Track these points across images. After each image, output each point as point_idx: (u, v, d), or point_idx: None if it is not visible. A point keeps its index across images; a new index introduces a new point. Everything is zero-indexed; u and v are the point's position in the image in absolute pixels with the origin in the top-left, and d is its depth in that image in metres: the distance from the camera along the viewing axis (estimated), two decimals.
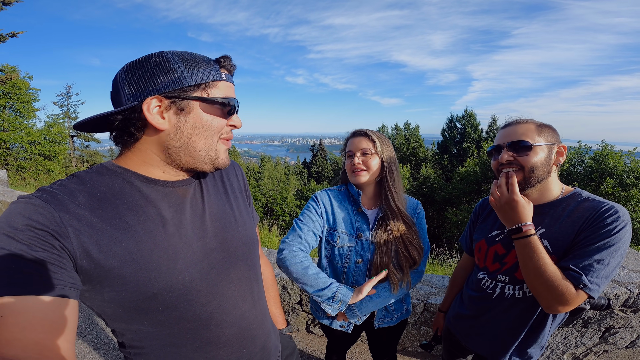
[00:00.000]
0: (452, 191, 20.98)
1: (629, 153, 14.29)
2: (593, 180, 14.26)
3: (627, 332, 2.11)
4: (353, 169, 1.39)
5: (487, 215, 1.35)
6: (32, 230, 0.56)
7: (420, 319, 2.40)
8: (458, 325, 1.42)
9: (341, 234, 1.41)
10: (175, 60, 0.67)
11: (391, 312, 1.50)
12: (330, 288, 1.31)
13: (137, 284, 0.65)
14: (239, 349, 0.81)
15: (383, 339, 1.60)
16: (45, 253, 0.56)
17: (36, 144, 16.51)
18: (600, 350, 2.20)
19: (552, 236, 1.09)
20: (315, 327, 2.74)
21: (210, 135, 0.73)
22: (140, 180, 0.71)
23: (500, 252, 1.23)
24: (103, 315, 0.70)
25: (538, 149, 1.09)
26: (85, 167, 11.91)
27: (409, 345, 2.50)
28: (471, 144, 27.18)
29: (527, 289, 1.16)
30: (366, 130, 1.42)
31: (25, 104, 16.18)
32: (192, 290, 0.72)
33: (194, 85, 0.68)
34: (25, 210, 0.58)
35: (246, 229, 0.88)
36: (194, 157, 0.73)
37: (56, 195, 0.62)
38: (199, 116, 0.70)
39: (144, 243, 0.66)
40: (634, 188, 13.00)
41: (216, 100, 0.71)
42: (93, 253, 0.61)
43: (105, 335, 2.68)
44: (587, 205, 1.07)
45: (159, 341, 0.73)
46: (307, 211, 1.45)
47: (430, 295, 2.41)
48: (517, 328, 1.21)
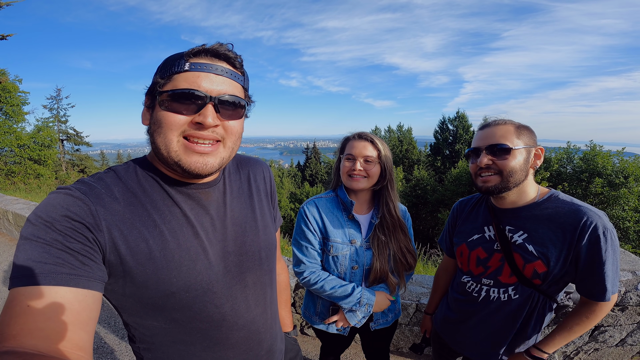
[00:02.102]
0: (445, 192, 21.10)
1: (618, 153, 14.54)
2: (582, 180, 14.48)
3: (617, 331, 2.13)
4: (352, 174, 1.36)
5: (466, 219, 1.34)
6: (69, 221, 0.58)
7: (413, 319, 2.41)
8: (446, 328, 1.42)
9: (335, 242, 1.40)
10: (163, 62, 0.70)
11: (386, 313, 1.51)
12: (355, 294, 1.35)
13: (158, 282, 0.66)
14: (245, 351, 0.82)
15: (377, 340, 1.60)
16: (79, 245, 0.58)
17: (25, 148, 16.21)
18: (590, 349, 2.22)
19: (538, 241, 1.09)
20: (309, 329, 2.74)
21: (164, 133, 0.66)
22: (167, 180, 0.72)
23: (482, 257, 1.22)
24: (120, 308, 0.71)
25: (517, 153, 1.08)
26: (76, 171, 11.76)
27: (402, 346, 2.51)
28: (463, 145, 27.42)
29: (512, 292, 1.16)
30: (372, 136, 1.39)
31: (14, 107, 15.87)
32: (208, 291, 0.72)
33: (158, 81, 0.68)
34: (64, 201, 0.59)
35: (266, 234, 0.87)
36: (160, 156, 0.69)
37: (94, 189, 0.64)
38: (158, 112, 0.67)
39: (168, 242, 0.68)
40: (623, 187, 13.23)
41: (167, 93, 0.65)
42: (121, 248, 0.63)
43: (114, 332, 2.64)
44: (567, 209, 1.07)
45: (170, 338, 0.74)
46: (301, 229, 1.44)
47: (422, 295, 2.42)
48: (505, 330, 1.21)
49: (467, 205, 1.37)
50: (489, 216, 1.24)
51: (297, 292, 2.65)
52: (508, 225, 1.16)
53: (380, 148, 1.37)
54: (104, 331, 2.75)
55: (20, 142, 15.91)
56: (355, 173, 1.35)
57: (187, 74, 0.66)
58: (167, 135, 0.66)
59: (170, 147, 0.66)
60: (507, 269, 1.15)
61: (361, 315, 1.38)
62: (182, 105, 0.65)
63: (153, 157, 0.74)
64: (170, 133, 0.66)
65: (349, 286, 1.36)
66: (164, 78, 0.67)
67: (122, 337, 2.68)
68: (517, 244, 1.13)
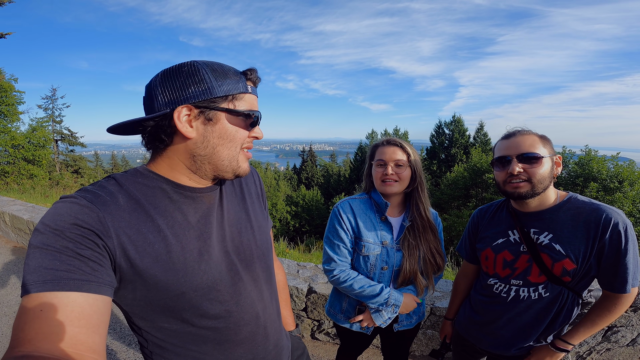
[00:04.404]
0: (442, 196, 21.22)
1: (612, 158, 14.75)
2: (577, 185, 14.67)
3: (628, 331, 2.17)
4: (384, 179, 1.39)
5: (488, 224, 1.39)
6: (78, 228, 0.59)
7: (427, 322, 2.41)
8: (471, 330, 1.44)
9: (367, 242, 1.42)
10: (205, 71, 0.70)
11: (411, 314, 1.52)
12: (383, 295, 1.36)
13: (167, 283, 0.69)
14: (254, 346, 0.85)
15: (399, 342, 1.60)
16: (89, 251, 0.59)
17: (20, 148, 15.99)
18: (602, 349, 2.25)
19: (564, 240, 1.15)
20: (320, 334, 2.72)
21: (233, 146, 0.75)
22: (170, 186, 0.74)
23: (508, 259, 1.27)
24: (131, 313, 0.73)
25: (544, 161, 1.15)
26: (69, 172, 11.72)
27: (414, 349, 2.51)
28: (459, 149, 27.66)
29: (543, 290, 1.21)
30: (400, 140, 1.42)
31: (9, 107, 15.63)
32: (213, 290, 0.75)
33: (222, 96, 0.71)
34: (72, 209, 0.61)
35: (262, 233, 0.92)
36: (217, 166, 0.75)
37: (99, 196, 0.65)
38: (225, 127, 0.73)
39: (173, 246, 0.70)
40: (618, 192, 13.42)
41: (242, 112, 0.74)
42: (130, 253, 0.65)
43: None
44: (587, 208, 1.14)
45: (182, 339, 0.76)
46: (334, 228, 1.46)
47: (436, 299, 2.43)
48: (537, 324, 1.25)
49: (488, 212, 1.42)
50: (512, 220, 1.29)
51: (310, 297, 2.63)
52: (532, 227, 1.22)
53: (410, 151, 1.40)
54: (109, 338, 2.71)
55: (14, 142, 15.69)
56: (388, 177, 1.38)
57: (250, 95, 0.76)
58: (237, 147, 0.76)
59: (235, 157, 0.77)
60: (536, 268, 1.20)
61: (387, 316, 1.39)
62: (246, 122, 0.76)
63: (159, 165, 0.75)
64: (239, 145, 0.76)
65: (377, 286, 1.38)
66: (228, 95, 0.72)
67: (128, 344, 2.64)
68: (543, 245, 1.18)
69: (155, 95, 0.70)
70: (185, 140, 0.72)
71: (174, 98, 0.68)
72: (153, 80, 0.72)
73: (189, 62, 0.71)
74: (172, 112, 0.68)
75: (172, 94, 0.69)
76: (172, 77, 0.69)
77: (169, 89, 0.69)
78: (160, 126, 0.70)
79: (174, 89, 0.69)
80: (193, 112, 0.70)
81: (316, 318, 2.67)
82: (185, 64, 0.71)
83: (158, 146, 0.74)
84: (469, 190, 20.19)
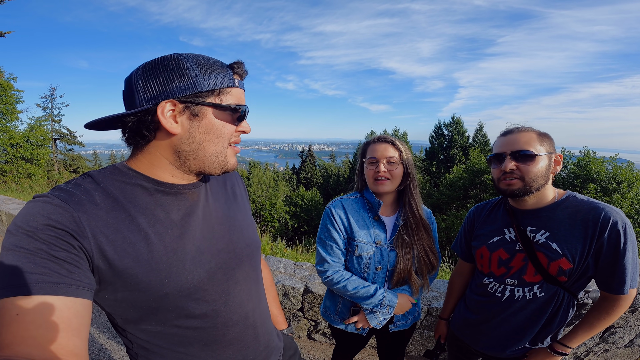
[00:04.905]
0: (440, 197, 21.22)
1: (611, 159, 14.76)
2: (576, 186, 14.67)
3: (626, 332, 2.16)
4: (376, 177, 1.37)
5: (484, 222, 1.37)
6: (51, 229, 0.56)
7: (424, 323, 2.40)
8: (466, 330, 1.42)
9: (360, 242, 1.40)
10: (190, 65, 0.67)
11: (406, 315, 1.50)
12: (377, 296, 1.34)
13: (149, 284, 0.66)
14: (243, 347, 0.83)
15: (395, 342, 1.59)
16: (64, 253, 0.57)
17: (18, 147, 15.97)
18: (600, 350, 2.24)
19: (561, 239, 1.13)
20: (317, 334, 2.71)
21: (221, 142, 0.73)
22: (150, 183, 0.71)
23: (503, 258, 1.25)
24: (114, 315, 0.70)
25: (540, 159, 1.13)
26: (68, 171, 11.67)
27: (411, 350, 2.49)
28: (458, 150, 27.66)
29: (538, 290, 1.19)
30: (392, 137, 1.41)
31: (8, 106, 15.63)
32: (200, 289, 0.73)
33: (207, 90, 0.68)
34: (44, 209, 0.58)
35: (250, 232, 0.90)
36: (204, 161, 0.73)
37: (74, 195, 0.62)
38: (211, 122, 0.71)
39: (155, 245, 0.67)
40: (616, 193, 13.43)
41: (228, 107, 0.72)
42: (108, 254, 0.62)
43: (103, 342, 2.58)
44: (586, 206, 1.12)
45: (167, 341, 0.73)
46: (326, 228, 1.44)
47: (433, 299, 2.41)
48: (531, 325, 1.23)
49: (484, 209, 1.40)
50: (508, 218, 1.27)
51: (306, 297, 2.62)
52: (529, 225, 1.20)
53: (401, 148, 1.38)
54: (104, 337, 2.69)
55: (13, 141, 15.68)
56: (380, 175, 1.36)
57: (236, 89, 0.74)
58: (224, 142, 0.74)
59: (222, 152, 0.75)
60: (531, 268, 1.18)
61: (382, 317, 1.37)
62: (233, 117, 0.74)
63: (139, 161, 0.72)
64: (227, 140, 0.75)
65: (371, 287, 1.36)
66: (214, 89, 0.69)
67: (123, 344, 2.62)
68: (539, 243, 1.16)
69: (137, 90, 0.66)
70: (169, 136, 0.69)
71: (156, 93, 0.65)
72: (134, 73, 0.68)
73: (172, 54, 0.68)
74: (156, 107, 0.65)
75: (154, 89, 0.65)
76: (154, 70, 0.66)
77: (151, 83, 0.65)
78: (142, 122, 0.67)
79: (157, 83, 0.65)
80: (178, 107, 0.67)
81: (313, 318, 2.65)
82: (169, 56, 0.67)
83: (139, 142, 0.70)
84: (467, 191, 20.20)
